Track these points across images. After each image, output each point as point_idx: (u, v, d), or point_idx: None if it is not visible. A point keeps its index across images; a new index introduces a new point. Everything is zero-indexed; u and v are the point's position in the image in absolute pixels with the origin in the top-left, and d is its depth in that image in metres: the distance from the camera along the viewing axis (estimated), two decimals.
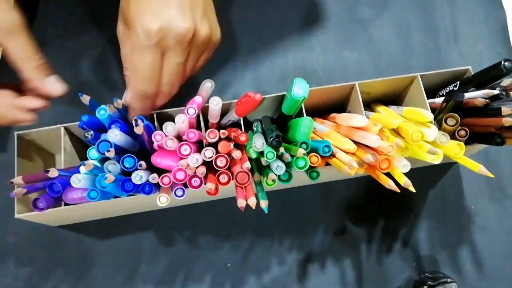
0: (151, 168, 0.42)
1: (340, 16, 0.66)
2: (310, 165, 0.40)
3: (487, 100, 0.41)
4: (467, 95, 0.43)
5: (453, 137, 0.43)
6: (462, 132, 0.43)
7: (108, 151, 0.39)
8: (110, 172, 0.41)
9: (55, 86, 0.40)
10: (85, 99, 0.42)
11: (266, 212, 0.40)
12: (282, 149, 0.40)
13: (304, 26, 0.66)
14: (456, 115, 0.43)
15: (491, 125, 0.42)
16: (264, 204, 0.40)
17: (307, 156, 0.40)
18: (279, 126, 0.46)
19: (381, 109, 0.51)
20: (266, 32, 0.65)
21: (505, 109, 0.40)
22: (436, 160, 0.41)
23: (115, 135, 0.40)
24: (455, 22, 0.66)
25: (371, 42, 0.65)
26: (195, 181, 0.40)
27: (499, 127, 0.41)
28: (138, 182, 0.39)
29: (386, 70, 0.63)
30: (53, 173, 0.39)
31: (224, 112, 0.47)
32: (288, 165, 0.41)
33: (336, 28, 0.65)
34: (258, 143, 0.40)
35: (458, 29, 0.66)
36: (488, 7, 0.67)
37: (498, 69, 0.42)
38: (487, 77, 0.45)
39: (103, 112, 0.41)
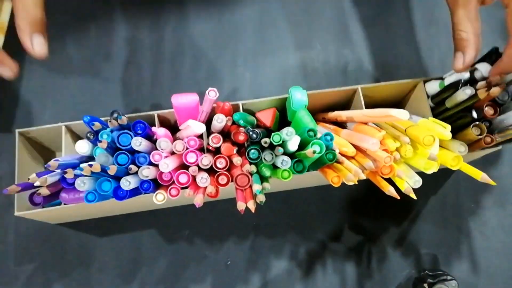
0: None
1: (340, 15, 0.66)
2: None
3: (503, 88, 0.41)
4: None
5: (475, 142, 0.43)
6: (488, 139, 0.43)
7: (100, 141, 0.40)
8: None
9: (38, 45, 0.39)
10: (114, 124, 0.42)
11: (259, 193, 0.39)
12: (266, 139, 0.41)
13: (304, 24, 0.65)
14: (483, 125, 0.42)
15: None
16: (257, 187, 0.40)
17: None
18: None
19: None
20: (266, 31, 0.65)
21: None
22: (429, 170, 0.41)
23: (139, 143, 0.40)
24: None
25: (372, 40, 0.64)
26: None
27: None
28: (127, 188, 0.39)
29: (387, 69, 0.63)
30: (69, 174, 0.39)
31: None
32: (291, 156, 0.41)
33: (336, 26, 0.65)
34: (268, 157, 0.41)
35: None
36: (489, 6, 0.67)
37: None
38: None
39: (106, 137, 0.42)
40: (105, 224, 0.55)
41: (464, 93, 0.42)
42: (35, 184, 0.41)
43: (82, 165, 0.42)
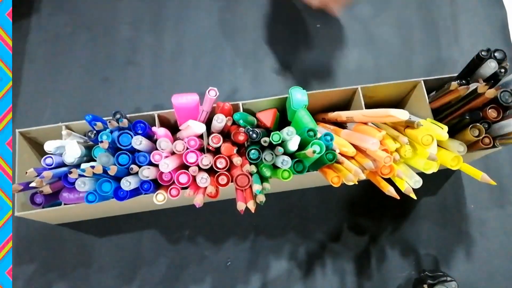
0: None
1: (340, 15, 0.66)
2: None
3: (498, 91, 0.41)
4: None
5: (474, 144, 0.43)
6: (486, 140, 0.43)
7: (101, 141, 0.40)
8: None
9: None
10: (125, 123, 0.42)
11: (259, 193, 0.40)
12: (265, 138, 0.41)
13: (304, 24, 0.65)
14: (481, 126, 0.42)
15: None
16: (257, 187, 0.40)
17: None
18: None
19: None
20: (266, 31, 0.65)
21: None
22: (428, 170, 0.41)
23: (139, 142, 0.40)
24: (455, 20, 0.66)
25: (372, 40, 0.64)
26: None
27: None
28: (127, 188, 0.39)
29: (387, 68, 0.63)
30: (74, 174, 0.39)
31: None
32: (292, 156, 0.41)
33: (336, 26, 0.65)
34: (268, 157, 0.41)
35: (459, 28, 0.65)
36: (489, 5, 0.67)
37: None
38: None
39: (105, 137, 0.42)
40: (105, 224, 0.55)
41: (490, 66, 0.42)
42: (30, 186, 0.41)
43: (84, 166, 0.42)
